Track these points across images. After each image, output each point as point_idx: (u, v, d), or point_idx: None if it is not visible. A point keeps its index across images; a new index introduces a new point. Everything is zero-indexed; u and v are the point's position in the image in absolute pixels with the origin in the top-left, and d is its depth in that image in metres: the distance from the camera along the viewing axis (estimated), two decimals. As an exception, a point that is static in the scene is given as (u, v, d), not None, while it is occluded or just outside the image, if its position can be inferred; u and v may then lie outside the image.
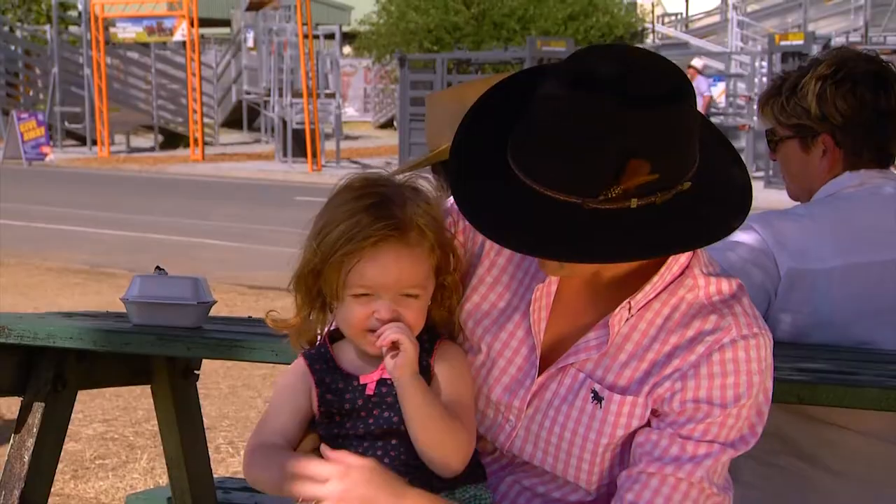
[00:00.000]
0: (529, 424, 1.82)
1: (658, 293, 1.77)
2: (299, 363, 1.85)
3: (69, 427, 2.88)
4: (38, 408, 2.74)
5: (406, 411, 1.75)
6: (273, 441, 1.82)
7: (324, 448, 1.75)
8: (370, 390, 1.79)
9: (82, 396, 2.92)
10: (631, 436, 1.77)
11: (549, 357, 1.82)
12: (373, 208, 1.76)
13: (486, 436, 1.87)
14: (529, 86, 1.73)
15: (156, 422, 3.20)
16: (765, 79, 20.71)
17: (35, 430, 2.73)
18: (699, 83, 20.42)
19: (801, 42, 18.92)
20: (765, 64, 20.80)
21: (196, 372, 3.11)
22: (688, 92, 1.64)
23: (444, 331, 1.86)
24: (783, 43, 19.39)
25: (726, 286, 1.78)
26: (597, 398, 1.76)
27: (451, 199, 1.88)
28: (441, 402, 1.77)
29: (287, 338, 1.90)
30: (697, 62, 21.26)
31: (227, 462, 5.06)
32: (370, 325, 1.77)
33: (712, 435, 1.73)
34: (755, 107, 21.39)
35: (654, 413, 1.76)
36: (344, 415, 1.80)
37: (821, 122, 2.49)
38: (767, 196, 17.99)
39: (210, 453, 3.25)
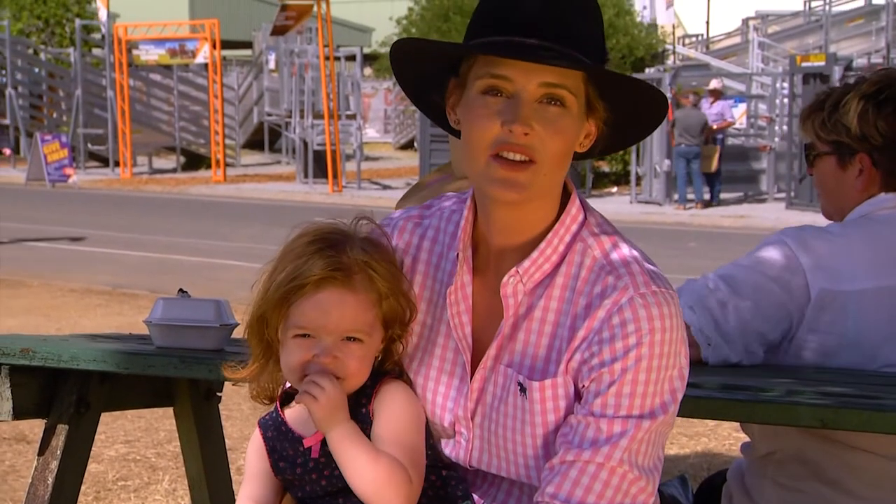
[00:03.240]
0: (480, 433, 1.82)
1: (555, 266, 1.76)
2: (256, 432, 1.88)
3: (91, 448, 2.89)
4: (61, 430, 2.75)
5: (337, 462, 1.75)
6: None
7: None
8: (315, 453, 1.79)
9: (104, 418, 2.93)
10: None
11: (474, 356, 1.83)
12: (319, 251, 1.76)
13: (451, 456, 1.86)
14: None
15: (178, 443, 3.20)
16: (786, 100, 20.65)
17: (59, 452, 2.74)
18: (722, 108, 19.65)
19: (822, 63, 18.87)
20: (786, 85, 20.74)
21: (218, 394, 3.12)
22: None
23: (389, 370, 1.85)
24: (804, 64, 19.35)
25: (622, 246, 1.77)
26: (522, 390, 1.76)
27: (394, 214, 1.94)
28: (372, 448, 1.75)
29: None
30: (716, 83, 20.47)
31: (248, 484, 5.05)
32: (309, 371, 1.75)
33: (625, 408, 1.69)
34: (776, 127, 21.36)
35: (577, 396, 1.74)
36: (297, 478, 1.82)
37: (860, 142, 2.48)
38: (789, 218, 17.93)
39: (232, 475, 3.25)
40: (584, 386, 1.72)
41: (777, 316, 2.39)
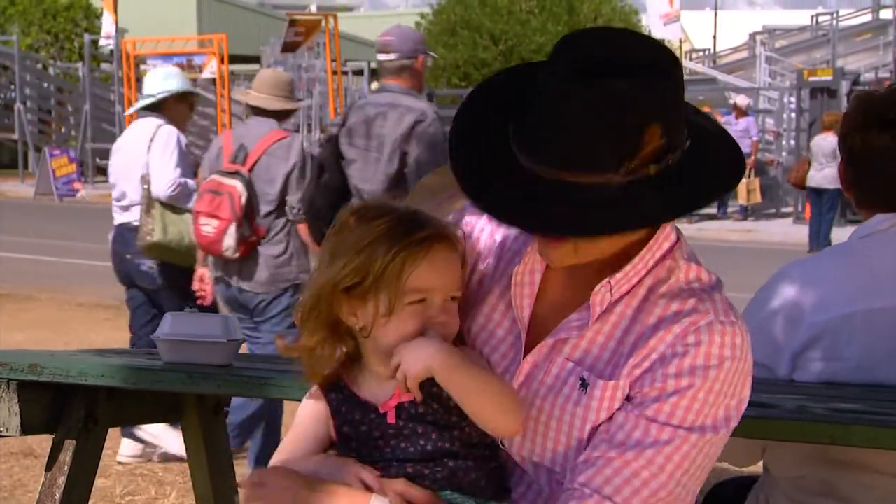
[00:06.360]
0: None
1: (641, 278, 1.78)
2: (315, 391, 1.87)
3: (99, 463, 2.89)
4: (69, 445, 2.75)
5: (452, 392, 1.75)
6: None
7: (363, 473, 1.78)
8: (391, 419, 1.78)
9: (112, 432, 2.93)
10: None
11: (529, 340, 1.84)
12: (406, 219, 1.80)
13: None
14: (514, 85, 1.79)
15: (185, 457, 3.21)
16: (793, 114, 20.65)
17: (66, 467, 2.74)
18: (748, 124, 19.32)
19: (829, 78, 18.89)
20: (793, 100, 20.75)
21: (226, 409, 3.12)
22: (674, 60, 1.72)
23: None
24: (812, 79, 19.36)
25: (706, 276, 1.80)
26: (583, 385, 1.76)
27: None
28: (485, 370, 1.78)
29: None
30: (742, 100, 19.91)
31: (255, 499, 5.05)
32: (429, 334, 1.78)
33: (678, 418, 1.71)
34: (783, 142, 21.34)
35: (628, 398, 1.75)
36: (361, 444, 1.81)
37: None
38: (796, 232, 17.92)
39: (238, 489, 3.25)
40: (639, 392, 1.74)
41: (782, 359, 2.44)
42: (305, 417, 1.88)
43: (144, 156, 5.65)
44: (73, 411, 2.76)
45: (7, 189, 25.57)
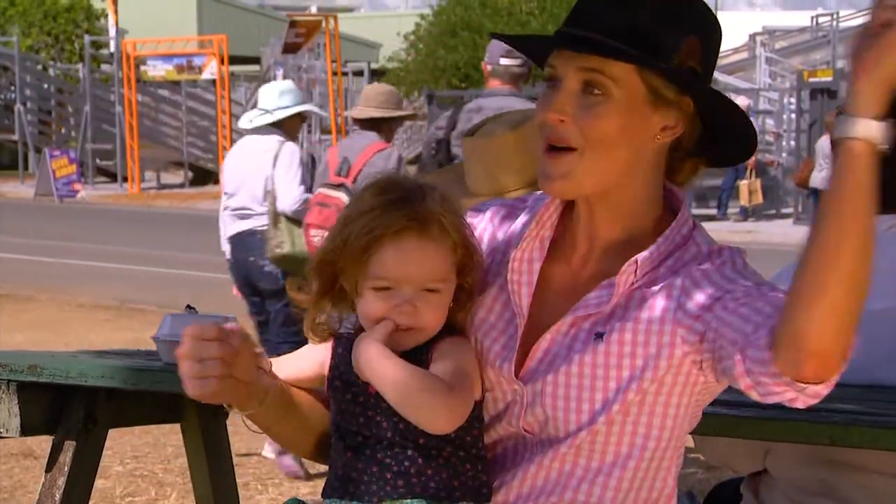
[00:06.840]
0: (542, 388, 1.78)
1: (663, 260, 1.77)
2: (326, 344, 1.87)
3: (99, 464, 2.89)
4: (69, 446, 2.76)
5: (369, 378, 1.72)
6: None
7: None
8: (372, 389, 1.76)
9: (112, 433, 2.93)
10: (643, 391, 1.72)
11: (530, 328, 1.82)
12: (394, 201, 1.76)
13: (509, 420, 1.83)
14: None
15: (185, 458, 3.21)
16: (793, 115, 20.66)
17: (66, 468, 2.74)
18: None
19: (829, 79, 18.88)
20: (793, 100, 20.75)
21: (226, 409, 3.12)
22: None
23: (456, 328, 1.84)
24: (812, 80, 19.35)
25: (724, 246, 1.81)
26: (599, 336, 1.75)
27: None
28: (409, 367, 1.71)
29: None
30: (742, 101, 20.09)
31: (255, 499, 5.07)
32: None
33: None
34: (783, 143, 21.34)
35: (701, 336, 1.70)
36: (343, 405, 1.80)
37: None
38: (796, 233, 17.91)
39: (239, 490, 3.25)
40: (724, 307, 1.70)
41: None
42: (312, 349, 1.88)
43: (267, 170, 5.83)
44: (73, 412, 2.76)
45: (7, 190, 25.60)
